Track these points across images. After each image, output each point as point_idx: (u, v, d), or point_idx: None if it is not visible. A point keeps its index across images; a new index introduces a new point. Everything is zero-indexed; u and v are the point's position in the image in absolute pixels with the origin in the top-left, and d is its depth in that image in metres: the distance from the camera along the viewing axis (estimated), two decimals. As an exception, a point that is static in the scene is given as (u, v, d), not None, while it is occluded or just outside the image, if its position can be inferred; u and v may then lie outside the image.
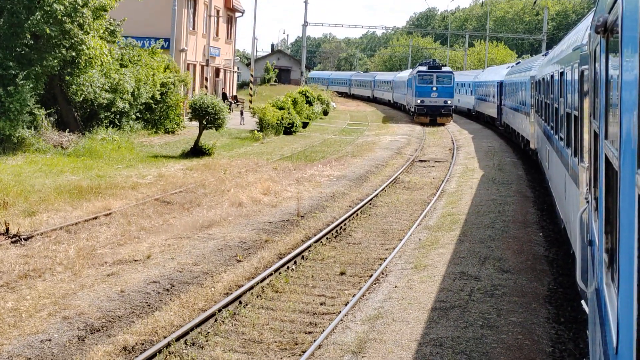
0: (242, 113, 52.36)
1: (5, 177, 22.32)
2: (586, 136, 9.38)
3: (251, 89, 63.05)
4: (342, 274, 14.93)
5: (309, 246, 16.58)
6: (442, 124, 59.15)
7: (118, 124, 36.03)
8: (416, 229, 18.85)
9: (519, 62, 46.20)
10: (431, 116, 59.64)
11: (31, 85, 29.11)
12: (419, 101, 60.24)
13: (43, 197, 20.06)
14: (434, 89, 59.73)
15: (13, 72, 28.71)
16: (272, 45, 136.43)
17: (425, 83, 60.25)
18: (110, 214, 18.71)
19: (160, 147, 34.68)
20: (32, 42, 29.61)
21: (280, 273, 14.55)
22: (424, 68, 61.81)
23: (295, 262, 15.47)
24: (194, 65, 54.40)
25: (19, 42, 29.12)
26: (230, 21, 66.14)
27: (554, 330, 11.26)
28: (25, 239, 15.73)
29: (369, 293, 13.30)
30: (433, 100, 59.72)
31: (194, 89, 52.43)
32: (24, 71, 29.14)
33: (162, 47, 45.73)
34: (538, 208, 21.97)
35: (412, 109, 62.08)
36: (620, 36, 3.80)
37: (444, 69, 62.21)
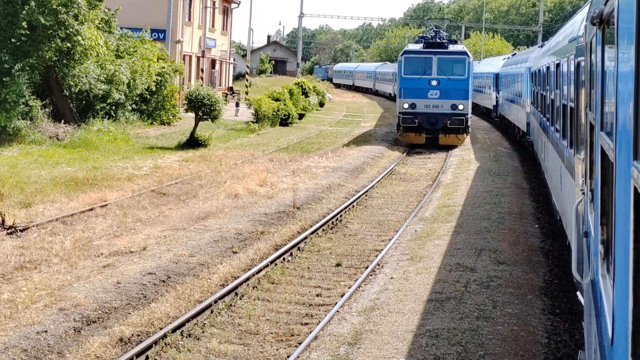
0: (237, 104, 52.27)
1: (0, 169, 22.28)
2: (582, 128, 9.39)
3: (247, 80, 62.99)
4: (338, 265, 14.94)
5: (305, 237, 16.58)
6: (451, 147, 35.32)
7: (114, 115, 35.98)
8: (412, 221, 18.86)
9: (515, 54, 46.19)
10: (428, 132, 35.51)
11: (27, 77, 29.05)
12: (405, 105, 35.31)
13: (39, 188, 20.03)
14: (433, 83, 35.00)
15: (8, 64, 28.63)
16: (268, 37, 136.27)
17: (417, 73, 35.34)
18: (106, 205, 18.70)
19: (156, 139, 34.65)
20: (28, 33, 29.52)
21: (276, 264, 14.56)
22: (415, 47, 36.81)
23: (291, 254, 15.48)
24: (190, 57, 54.29)
25: (15, 32, 29.04)
26: (226, 12, 66.00)
27: (549, 321, 11.28)
28: (21, 231, 15.72)
29: (364, 284, 13.32)
30: (431, 103, 35.16)
31: (189, 80, 52.34)
32: (19, 62, 29.07)
33: (158, 39, 45.63)
34: (534, 199, 21.99)
35: (397, 119, 36.47)
36: (616, 28, 3.80)
37: (452, 47, 36.37)
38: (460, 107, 34.91)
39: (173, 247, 14.90)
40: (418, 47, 36.48)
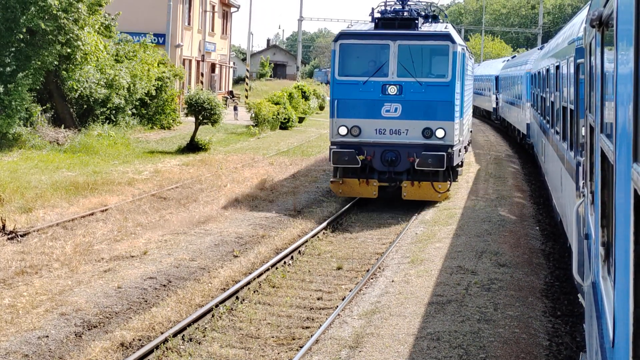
0: (235, 108, 52.28)
1: (1, 174, 22.29)
2: (582, 130, 9.39)
3: (247, 84, 63.00)
4: (339, 268, 14.94)
5: (306, 241, 16.58)
6: (424, 204, 20.98)
7: (114, 119, 36.00)
8: (413, 223, 18.85)
9: (514, 56, 46.23)
10: (384, 179, 20.54)
11: (29, 82, 29.07)
12: (342, 130, 20.31)
13: (39, 193, 20.04)
14: (391, 91, 20.11)
15: (10, 68, 28.64)
16: (268, 40, 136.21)
17: (363, 73, 20.49)
18: (106, 210, 18.70)
19: (157, 143, 34.65)
20: (28, 38, 29.54)
21: (277, 268, 14.55)
22: (363, 27, 22.14)
23: (292, 257, 15.47)
24: (190, 61, 54.33)
25: (15, 38, 29.06)
26: (226, 16, 66.05)
27: (550, 323, 11.28)
28: (21, 236, 15.72)
29: (365, 287, 13.31)
30: (388, 127, 20.21)
31: (189, 84, 52.37)
32: (21, 68, 29.08)
33: (158, 43, 45.67)
34: (534, 202, 21.99)
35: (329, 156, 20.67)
36: (616, 30, 3.81)
37: (426, 27, 21.43)
38: (440, 132, 20.01)
39: (174, 252, 14.91)
40: (367, 27, 21.53)
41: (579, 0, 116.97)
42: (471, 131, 32.74)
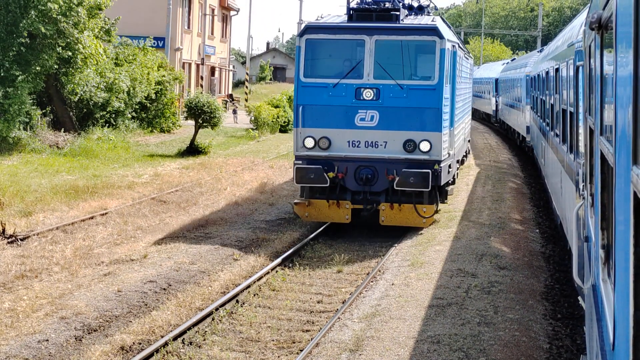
0: (235, 111, 52.30)
1: (1, 178, 22.28)
2: (581, 132, 9.40)
3: (247, 87, 63.03)
4: (339, 271, 14.93)
5: (306, 244, 16.58)
6: (406, 229, 17.72)
7: (114, 123, 36.02)
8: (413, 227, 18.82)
9: (514, 59, 46.27)
10: (358, 200, 17.29)
11: (29, 86, 29.08)
12: (309, 143, 17.16)
13: (39, 197, 20.03)
14: (367, 95, 16.89)
15: (10, 72, 28.65)
16: (267, 44, 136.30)
17: (334, 75, 17.29)
18: (106, 213, 18.70)
19: (156, 146, 34.66)
20: (28, 42, 29.55)
21: (277, 271, 14.55)
22: (335, 19, 18.26)
23: (292, 260, 15.47)
24: (189, 64, 54.35)
25: (15, 41, 29.07)
26: (225, 20, 66.09)
27: (551, 326, 11.27)
28: (21, 239, 15.71)
29: (365, 291, 13.30)
30: (363, 138, 17.07)
31: (189, 88, 52.40)
32: (21, 72, 29.09)
33: (158, 47, 45.71)
34: (534, 204, 21.98)
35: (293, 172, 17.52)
36: (615, 32, 3.81)
37: (409, 20, 18.26)
38: (424, 145, 17.02)
39: (174, 255, 14.90)
40: (339, 19, 18.20)
41: (578, 2, 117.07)
42: (469, 140, 30.79)
